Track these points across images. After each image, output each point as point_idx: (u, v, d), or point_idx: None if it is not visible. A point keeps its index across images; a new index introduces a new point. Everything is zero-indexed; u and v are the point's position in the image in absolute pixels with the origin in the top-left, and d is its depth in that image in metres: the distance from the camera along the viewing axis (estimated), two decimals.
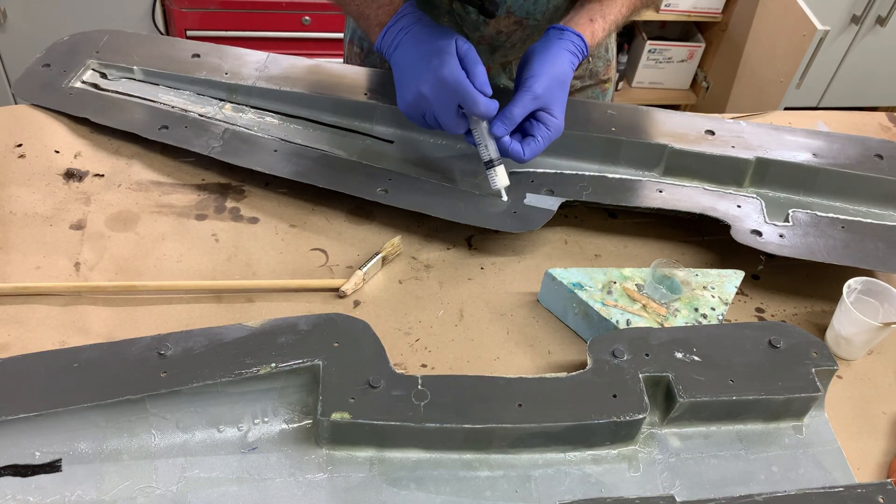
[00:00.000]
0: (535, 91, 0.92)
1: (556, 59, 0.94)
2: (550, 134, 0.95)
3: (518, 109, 0.92)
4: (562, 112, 0.95)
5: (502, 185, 0.99)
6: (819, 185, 1.06)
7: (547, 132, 0.94)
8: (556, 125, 0.95)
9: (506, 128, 0.93)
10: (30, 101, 1.12)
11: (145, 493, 0.71)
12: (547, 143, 0.95)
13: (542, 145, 0.95)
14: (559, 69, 0.94)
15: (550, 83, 0.93)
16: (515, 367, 0.89)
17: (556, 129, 0.95)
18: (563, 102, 0.96)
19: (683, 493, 0.77)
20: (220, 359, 0.76)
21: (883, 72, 2.73)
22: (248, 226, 1.01)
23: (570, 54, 0.95)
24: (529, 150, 0.94)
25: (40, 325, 0.87)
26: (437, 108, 0.92)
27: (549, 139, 0.95)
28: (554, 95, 0.94)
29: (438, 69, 0.89)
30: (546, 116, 0.94)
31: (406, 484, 0.75)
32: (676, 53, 2.68)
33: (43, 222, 0.98)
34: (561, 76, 0.94)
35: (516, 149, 0.94)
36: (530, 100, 0.92)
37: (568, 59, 0.95)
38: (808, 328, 0.96)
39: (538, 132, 0.94)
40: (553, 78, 0.93)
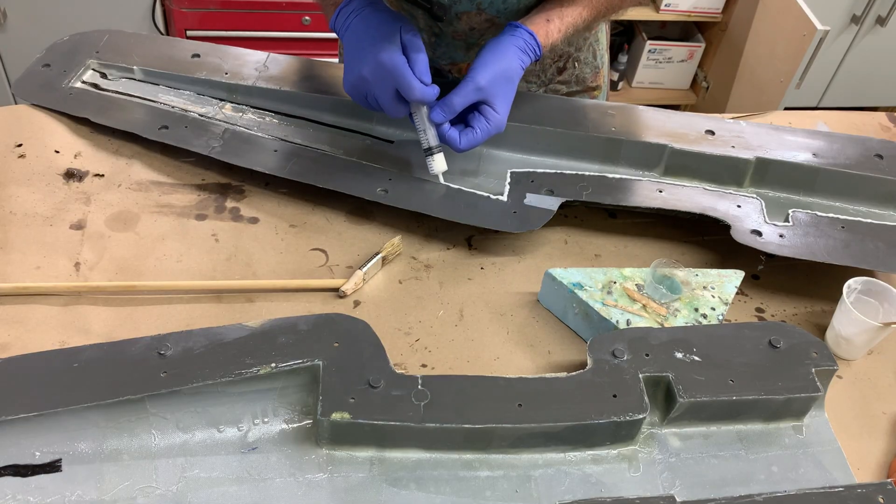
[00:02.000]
0: (478, 82, 0.93)
1: (503, 54, 0.95)
2: (489, 128, 0.95)
3: (458, 98, 0.93)
4: (504, 108, 0.96)
5: (439, 171, 1.00)
6: (819, 185, 1.06)
7: (487, 126, 0.95)
8: (496, 120, 0.95)
9: (444, 115, 0.94)
10: (30, 101, 1.12)
11: (145, 493, 0.71)
12: (485, 136, 0.95)
13: (479, 137, 0.95)
14: (506, 64, 0.95)
15: (495, 77, 0.94)
16: (515, 367, 0.89)
17: (497, 123, 0.95)
18: (508, 98, 0.96)
19: (683, 493, 0.77)
20: (220, 359, 0.76)
21: (883, 72, 2.73)
22: (248, 226, 1.01)
23: (520, 51, 0.96)
24: (466, 140, 0.95)
25: (40, 325, 0.87)
26: (377, 91, 0.93)
27: (487, 133, 0.95)
28: (498, 89, 0.94)
29: (379, 53, 0.91)
30: (488, 110, 0.95)
31: (406, 484, 0.75)
32: (676, 53, 2.68)
33: (43, 222, 0.98)
34: (507, 72, 0.95)
35: (453, 136, 0.95)
36: (472, 90, 0.93)
37: (517, 56, 0.95)
38: (808, 328, 0.96)
39: (478, 124, 0.95)
40: (498, 72, 0.94)
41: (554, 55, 1.16)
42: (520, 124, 1.06)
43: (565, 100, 1.13)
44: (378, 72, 0.92)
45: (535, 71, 1.17)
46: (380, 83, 0.93)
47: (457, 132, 0.96)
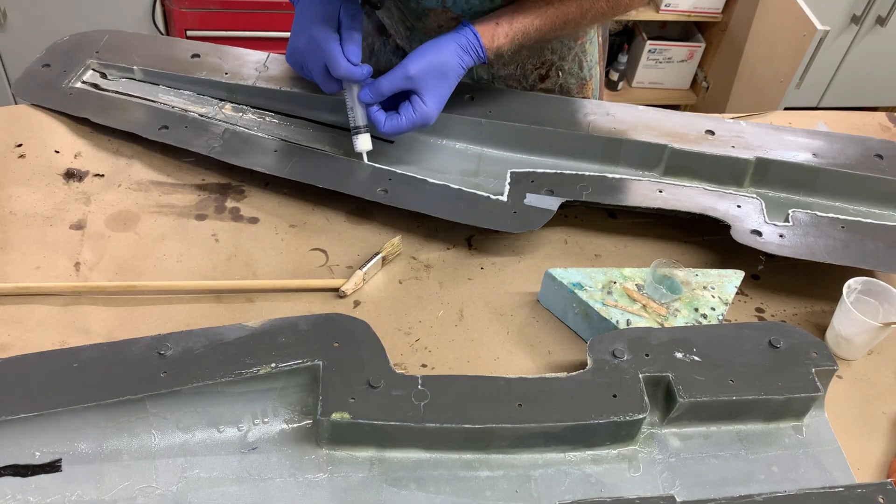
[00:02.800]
0: (409, 71, 0.95)
1: (441, 49, 0.96)
2: (415, 118, 0.96)
3: (386, 83, 0.95)
4: (434, 102, 0.97)
5: (363, 150, 1.01)
6: (819, 185, 1.06)
7: (412, 115, 0.96)
8: (423, 112, 0.96)
9: (371, 97, 0.96)
10: (30, 101, 1.12)
11: (145, 493, 0.71)
12: (410, 124, 0.97)
13: (403, 124, 0.97)
14: (441, 59, 0.96)
15: (427, 68, 0.95)
16: (515, 367, 0.89)
17: (423, 115, 0.97)
18: (439, 93, 0.97)
19: (683, 493, 0.77)
20: (220, 359, 0.76)
21: (883, 72, 2.73)
22: (248, 226, 1.01)
23: (460, 49, 0.97)
24: (390, 123, 0.97)
25: (40, 325, 0.87)
26: (310, 64, 0.98)
27: (412, 122, 0.97)
28: (428, 82, 0.96)
29: (314, 28, 0.94)
30: (417, 100, 0.96)
31: (406, 484, 0.75)
32: (676, 53, 2.68)
33: (43, 222, 0.98)
34: (441, 66, 0.96)
35: (378, 118, 0.97)
36: (401, 77, 0.95)
37: (455, 53, 0.97)
38: (808, 328, 0.96)
39: (404, 112, 0.97)
40: (431, 65, 0.95)
41: (536, 61, 1.16)
42: (520, 124, 1.07)
43: (564, 99, 1.13)
44: (311, 46, 0.96)
45: (515, 76, 1.18)
46: (312, 57, 0.97)
47: (383, 115, 0.98)
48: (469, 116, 1.07)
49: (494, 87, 1.17)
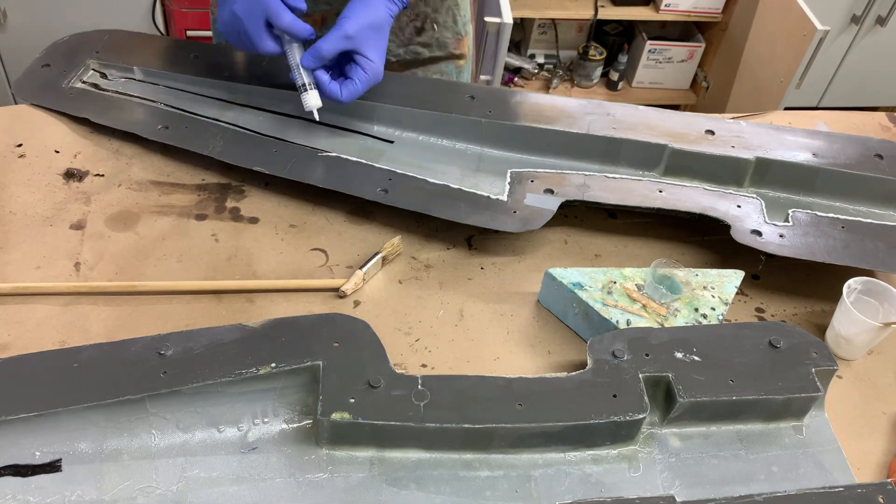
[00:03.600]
0: (347, 31, 0.95)
1: (370, 3, 0.97)
2: (368, 77, 0.98)
3: (327, 45, 0.95)
4: (378, 56, 0.98)
5: (314, 107, 1.00)
6: (819, 185, 1.06)
7: (364, 75, 0.97)
8: (373, 68, 0.97)
9: (314, 61, 0.96)
10: (30, 101, 1.12)
11: (145, 493, 0.71)
12: (365, 86, 0.98)
13: (360, 87, 0.98)
14: (373, 14, 0.97)
15: (363, 25, 0.96)
16: (515, 367, 0.89)
17: (374, 72, 0.98)
18: (380, 47, 0.98)
19: (683, 493, 0.77)
20: (220, 359, 0.76)
21: (883, 72, 2.73)
22: (248, 226, 1.01)
23: (388, 1, 0.98)
24: (347, 91, 0.97)
25: (40, 325, 0.87)
26: (249, 26, 0.95)
27: (367, 82, 0.98)
28: (367, 38, 0.96)
29: None
30: (362, 59, 0.97)
31: (406, 484, 0.75)
32: (676, 53, 2.68)
33: (43, 222, 0.98)
34: (375, 20, 0.97)
35: (333, 90, 0.97)
36: (340, 38, 0.95)
37: (383, 4, 0.97)
38: (808, 328, 0.96)
39: (356, 75, 0.97)
40: (367, 21, 0.96)
41: (411, 13, 1.18)
42: (520, 124, 1.06)
43: (564, 100, 1.13)
44: (248, 4, 0.93)
45: (392, 29, 1.18)
46: (250, 17, 0.94)
47: (337, 85, 0.98)
48: (469, 116, 1.07)
49: (493, 86, 1.17)
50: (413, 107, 1.08)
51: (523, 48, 2.79)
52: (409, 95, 1.10)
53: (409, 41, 1.21)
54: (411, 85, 1.12)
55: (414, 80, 1.14)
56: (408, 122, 1.09)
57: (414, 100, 1.09)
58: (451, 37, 1.24)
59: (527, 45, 2.77)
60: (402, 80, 1.14)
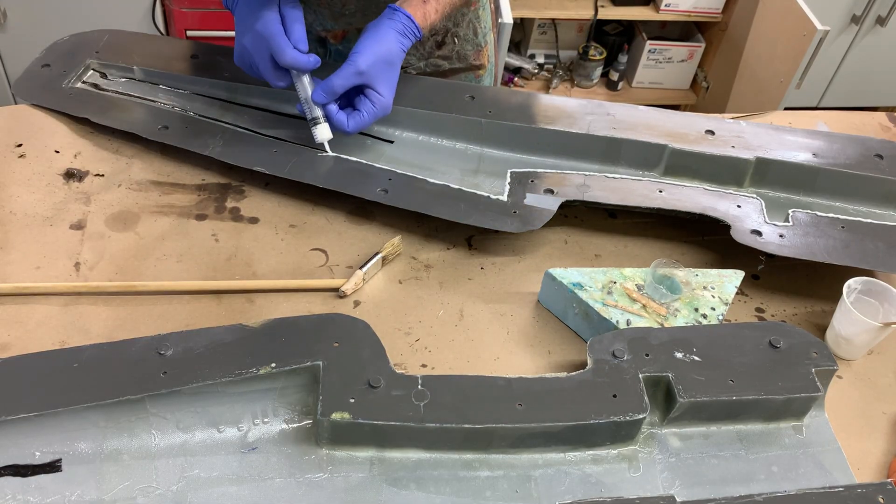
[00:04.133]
0: (359, 66, 0.96)
1: (382, 39, 0.98)
2: (376, 111, 0.99)
3: (339, 81, 0.97)
4: (388, 90, 0.99)
5: (324, 139, 1.02)
6: (819, 185, 1.06)
7: (373, 108, 0.99)
8: (382, 103, 0.99)
9: (326, 96, 0.98)
10: (30, 101, 1.12)
11: (145, 493, 0.71)
12: (372, 118, 0.99)
13: (367, 119, 0.99)
14: (386, 48, 0.98)
15: (375, 61, 0.97)
16: (515, 367, 0.89)
17: (382, 106, 0.99)
18: (391, 81, 1.00)
19: (683, 493, 0.77)
20: (220, 359, 0.76)
21: (883, 72, 2.73)
22: (248, 226, 1.01)
23: (399, 35, 0.99)
24: (353, 122, 0.99)
25: (40, 325, 0.87)
26: (257, 60, 0.98)
27: (374, 115, 0.99)
28: (379, 73, 0.98)
29: (256, 22, 0.96)
30: (373, 93, 0.99)
31: (406, 484, 0.75)
32: (676, 53, 2.68)
33: (43, 222, 0.98)
34: (387, 55, 0.98)
35: (341, 120, 0.99)
36: (352, 74, 0.97)
37: (396, 39, 0.98)
38: (808, 328, 0.96)
39: (364, 107, 0.99)
40: (379, 56, 0.97)
41: None
42: (520, 124, 1.07)
43: (564, 100, 1.13)
44: (256, 40, 0.97)
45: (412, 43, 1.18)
46: (258, 51, 0.97)
47: (345, 116, 1.00)
48: (469, 116, 1.07)
49: (493, 86, 1.17)
50: (413, 107, 1.08)
51: (523, 48, 2.79)
52: (409, 95, 1.10)
53: (430, 55, 1.21)
54: (411, 85, 1.12)
55: (414, 80, 1.14)
56: (408, 122, 1.09)
57: (414, 100, 1.09)
58: (472, 49, 1.23)
59: (527, 45, 2.77)
60: (402, 80, 1.13)
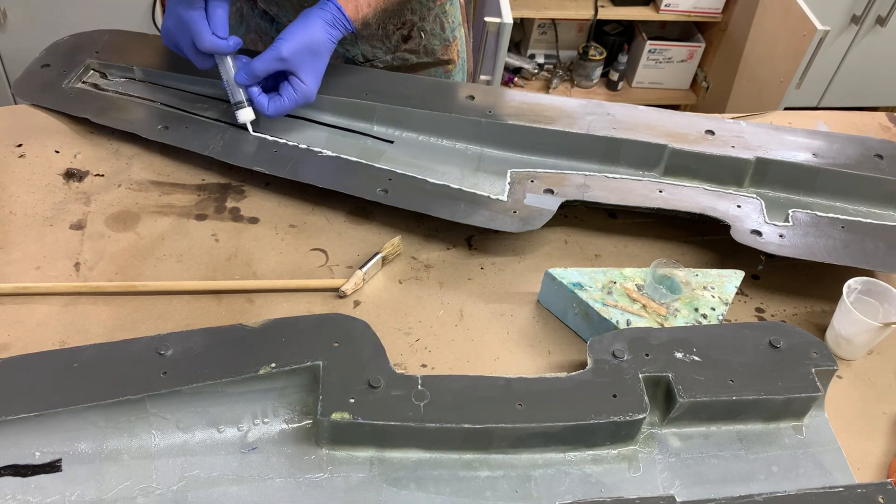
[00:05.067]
0: (281, 53, 0.98)
1: (309, 28, 0.99)
2: (297, 98, 1.00)
3: (260, 64, 0.98)
4: (312, 79, 1.01)
5: (246, 120, 1.04)
6: (819, 185, 1.06)
7: (294, 95, 1.00)
8: (303, 90, 1.00)
9: (247, 78, 1.00)
10: (30, 101, 1.12)
11: (145, 493, 0.71)
12: (293, 104, 1.01)
13: (286, 105, 1.00)
14: (311, 37, 0.99)
15: (299, 49, 0.98)
16: (515, 367, 0.89)
17: (304, 94, 1.00)
18: (316, 70, 1.01)
19: (683, 493, 0.77)
20: (220, 359, 0.76)
21: (883, 72, 2.73)
22: (248, 226, 1.01)
23: (328, 25, 0.99)
24: (273, 106, 1.01)
25: (40, 325, 0.87)
26: (181, 42, 1.01)
27: (295, 101, 1.00)
28: (303, 61, 0.99)
29: (179, 6, 0.98)
30: (296, 80, 1.00)
31: (406, 484, 0.75)
32: (676, 53, 2.68)
33: (43, 222, 0.98)
34: (312, 44, 0.99)
35: (261, 102, 1.01)
36: (274, 59, 0.98)
37: (323, 29, 0.99)
38: (808, 328, 0.96)
39: (285, 93, 1.00)
40: (303, 44, 0.98)
41: (397, 21, 1.19)
42: (520, 124, 1.07)
43: (564, 100, 1.13)
44: (179, 24, 0.99)
45: (377, 35, 1.20)
46: (181, 34, 1.00)
47: (266, 99, 1.01)
48: (469, 116, 1.07)
49: (493, 86, 1.17)
50: (413, 107, 1.08)
51: (523, 48, 2.79)
52: (409, 95, 1.10)
53: (396, 48, 1.22)
54: (412, 85, 1.12)
55: (414, 80, 1.14)
56: (408, 122, 1.09)
57: (414, 100, 1.09)
58: (439, 43, 1.25)
59: (527, 45, 2.77)
60: (403, 81, 1.14)
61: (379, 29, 1.17)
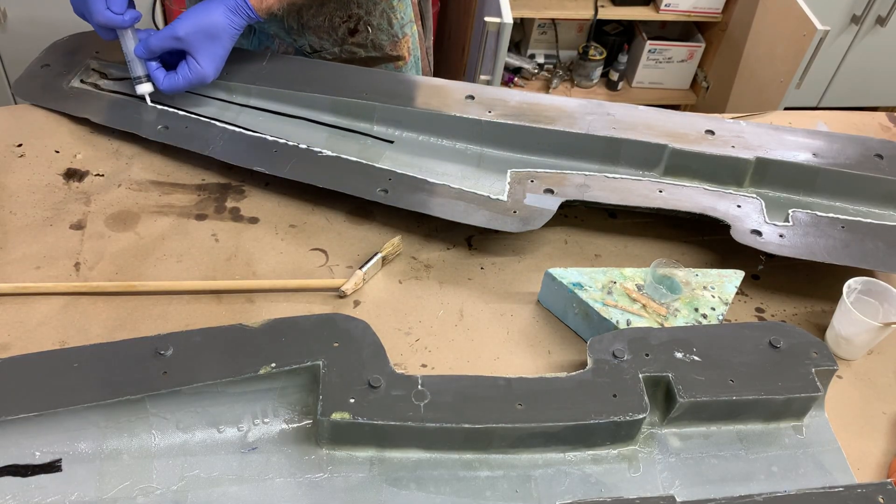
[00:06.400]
0: (176, 32, 1.01)
1: (209, 11, 1.02)
2: (191, 77, 1.04)
3: (155, 40, 1.02)
4: (209, 62, 1.03)
5: (144, 92, 1.08)
6: (819, 185, 1.06)
7: (188, 74, 1.04)
8: (198, 72, 1.03)
9: (144, 52, 1.04)
10: (30, 101, 1.12)
11: (145, 493, 0.71)
12: (187, 83, 1.04)
13: (180, 83, 1.04)
14: (210, 21, 1.02)
15: (196, 31, 1.01)
16: (515, 367, 0.89)
17: (199, 75, 1.04)
18: (213, 54, 1.03)
19: (683, 493, 0.77)
20: (220, 359, 0.76)
21: (883, 72, 2.73)
22: (248, 226, 1.01)
23: (230, 11, 1.02)
24: (167, 82, 1.05)
25: (40, 325, 0.87)
26: (84, 14, 1.03)
27: (188, 81, 1.04)
28: (199, 43, 1.02)
29: None
30: (191, 61, 1.03)
31: (406, 484, 0.75)
32: (676, 53, 2.68)
33: (43, 222, 0.98)
34: (210, 28, 1.02)
35: (157, 76, 1.05)
36: (169, 37, 1.02)
37: (223, 14, 1.02)
38: (808, 328, 0.96)
39: (181, 71, 1.04)
40: (200, 27, 1.01)
41: (343, 14, 1.20)
42: (520, 124, 1.07)
43: (564, 100, 1.13)
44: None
45: (324, 27, 1.21)
46: (83, 6, 1.02)
47: (162, 73, 1.05)
48: (469, 116, 1.07)
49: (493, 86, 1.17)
50: (413, 107, 1.08)
51: (523, 48, 2.79)
52: (408, 95, 1.10)
53: (344, 41, 1.23)
54: (412, 85, 1.12)
55: (413, 80, 1.14)
56: (408, 122, 1.09)
57: (414, 100, 1.09)
58: (387, 39, 1.25)
59: (527, 45, 2.77)
60: (403, 81, 1.14)
61: (325, 20, 1.19)
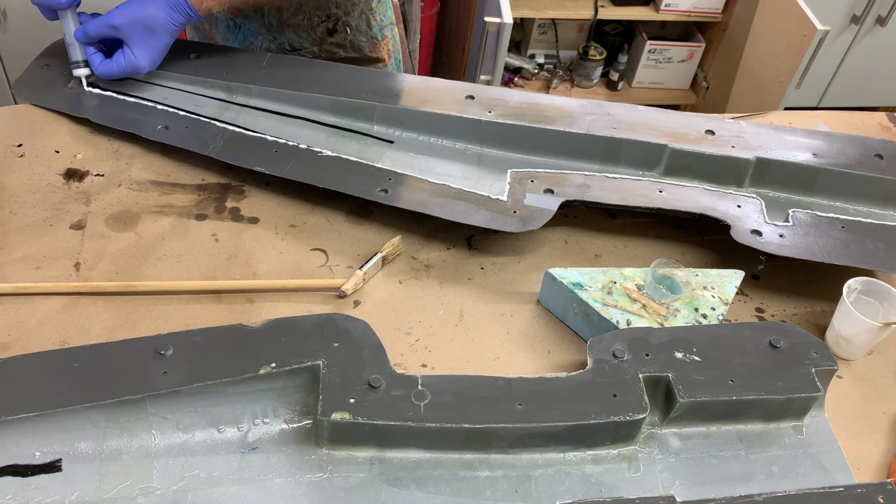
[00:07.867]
0: (112, 21, 1.03)
1: (148, 5, 1.03)
2: (125, 66, 1.06)
3: (92, 27, 1.04)
4: (144, 54, 1.06)
5: (81, 75, 1.10)
6: (819, 185, 1.06)
7: (122, 63, 1.06)
8: (132, 62, 1.06)
9: (82, 37, 1.06)
10: (30, 101, 1.12)
11: (145, 493, 0.71)
12: (120, 71, 1.07)
13: (114, 69, 1.07)
14: (147, 14, 1.03)
15: (132, 22, 1.03)
16: (515, 367, 0.89)
17: (132, 65, 1.06)
18: (149, 46, 1.06)
19: (683, 493, 0.77)
20: (220, 359, 0.76)
21: (883, 72, 2.73)
22: (248, 226, 1.01)
23: (169, 7, 1.04)
24: (102, 67, 1.08)
25: (40, 325, 0.87)
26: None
27: (122, 69, 1.07)
28: (135, 35, 1.04)
29: None
30: (127, 51, 1.06)
31: (406, 484, 0.75)
32: (676, 53, 2.68)
33: (43, 222, 0.98)
34: (147, 21, 1.04)
35: (94, 60, 1.08)
36: (105, 25, 1.04)
37: (163, 10, 1.04)
38: (808, 328, 0.96)
39: (116, 59, 1.07)
40: (136, 19, 1.03)
41: (322, 14, 1.21)
42: (520, 124, 1.07)
43: (565, 100, 1.13)
44: None
45: (302, 25, 1.22)
46: None
47: (99, 58, 1.08)
48: (469, 116, 1.07)
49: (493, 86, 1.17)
50: (413, 107, 1.08)
51: (523, 48, 2.79)
52: (408, 95, 1.10)
53: (322, 41, 1.24)
54: (412, 85, 1.12)
55: (413, 81, 1.14)
56: (408, 122, 1.09)
57: (414, 100, 1.09)
58: (366, 41, 1.26)
59: (527, 45, 2.77)
60: (403, 81, 1.14)
61: (304, 19, 1.19)
